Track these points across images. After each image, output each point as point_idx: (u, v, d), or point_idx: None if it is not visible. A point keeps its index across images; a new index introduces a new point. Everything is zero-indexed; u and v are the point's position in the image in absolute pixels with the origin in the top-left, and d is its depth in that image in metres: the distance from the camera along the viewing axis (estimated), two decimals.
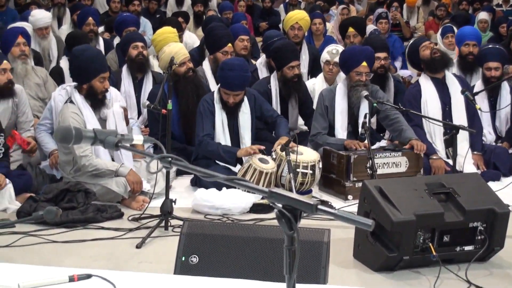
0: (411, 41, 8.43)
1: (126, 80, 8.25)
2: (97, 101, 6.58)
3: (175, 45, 7.72)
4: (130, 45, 8.29)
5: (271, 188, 2.19)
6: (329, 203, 6.46)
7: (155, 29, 10.82)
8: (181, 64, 7.49)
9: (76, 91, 6.59)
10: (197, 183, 6.94)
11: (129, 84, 8.26)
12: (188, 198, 6.53)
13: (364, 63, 7.23)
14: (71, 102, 6.56)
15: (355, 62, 7.26)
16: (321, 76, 8.53)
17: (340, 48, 8.46)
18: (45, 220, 4.72)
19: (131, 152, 6.42)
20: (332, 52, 8.34)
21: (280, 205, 2.16)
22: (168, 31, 8.98)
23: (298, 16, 9.96)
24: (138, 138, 2.52)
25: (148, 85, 8.29)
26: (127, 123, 6.96)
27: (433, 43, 8.00)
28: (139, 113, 8.30)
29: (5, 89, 7.02)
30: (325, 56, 8.40)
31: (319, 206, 2.12)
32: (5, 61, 7.02)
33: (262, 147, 6.80)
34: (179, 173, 7.23)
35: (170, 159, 2.35)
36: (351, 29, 10.11)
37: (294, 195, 2.15)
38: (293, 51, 8.01)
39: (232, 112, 7.09)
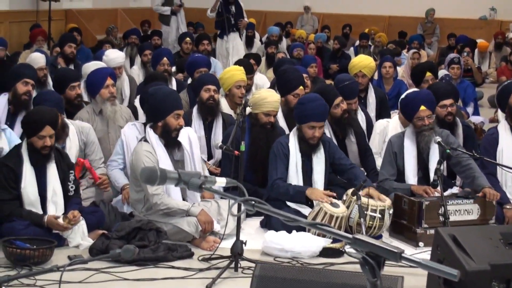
0: (505, 83, 8.15)
1: (196, 122, 8.26)
2: (171, 140, 6.63)
3: (272, 95, 7.63)
4: (203, 87, 8.29)
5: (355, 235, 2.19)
6: None
7: None
8: (267, 114, 7.47)
9: (151, 130, 6.66)
10: (267, 224, 6.91)
11: (199, 125, 8.27)
12: (257, 239, 6.52)
13: (423, 107, 7.16)
14: (146, 141, 6.65)
15: (413, 108, 7.24)
16: (396, 118, 8.42)
17: None
18: (119, 257, 4.80)
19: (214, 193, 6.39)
20: None
21: (363, 252, 2.16)
22: (234, 68, 9.06)
23: (362, 64, 9.82)
24: (221, 181, 2.54)
25: (218, 127, 8.30)
26: None
27: None
28: (209, 155, 8.31)
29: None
30: None
31: (403, 255, 2.12)
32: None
33: (334, 194, 6.76)
34: (249, 214, 7.23)
35: (253, 202, 2.38)
36: (429, 74, 9.98)
37: (378, 242, 2.15)
38: (328, 94, 7.80)
39: (307, 156, 7.05)
